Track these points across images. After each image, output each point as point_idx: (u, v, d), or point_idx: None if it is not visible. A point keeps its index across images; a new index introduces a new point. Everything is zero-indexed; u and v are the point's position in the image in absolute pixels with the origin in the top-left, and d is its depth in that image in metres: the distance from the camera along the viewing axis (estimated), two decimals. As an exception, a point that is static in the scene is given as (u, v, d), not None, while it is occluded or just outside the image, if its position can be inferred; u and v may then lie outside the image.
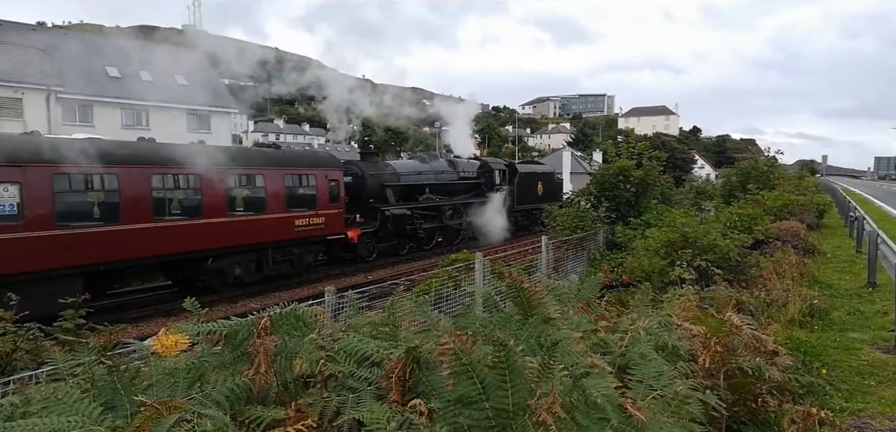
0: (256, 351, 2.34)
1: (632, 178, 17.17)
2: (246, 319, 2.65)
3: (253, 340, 2.43)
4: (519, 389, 2.08)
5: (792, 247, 12.90)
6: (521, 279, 3.11)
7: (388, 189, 22.20)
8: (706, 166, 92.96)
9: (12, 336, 6.38)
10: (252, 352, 2.37)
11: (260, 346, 2.34)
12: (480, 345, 2.37)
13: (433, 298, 9.50)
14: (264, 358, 2.32)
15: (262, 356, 2.31)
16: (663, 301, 4.83)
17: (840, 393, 5.44)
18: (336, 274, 18.76)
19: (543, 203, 27.26)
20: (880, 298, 9.35)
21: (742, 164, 26.92)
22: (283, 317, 2.66)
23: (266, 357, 2.34)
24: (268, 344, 2.40)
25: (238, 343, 2.52)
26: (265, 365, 2.32)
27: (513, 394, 2.06)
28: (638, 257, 10.63)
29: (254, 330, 2.50)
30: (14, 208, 11.42)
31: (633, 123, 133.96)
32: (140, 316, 13.55)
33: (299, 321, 2.65)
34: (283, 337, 2.54)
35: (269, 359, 2.37)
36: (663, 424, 2.23)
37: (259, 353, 2.32)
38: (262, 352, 2.32)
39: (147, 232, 13.62)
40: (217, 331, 2.58)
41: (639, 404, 2.23)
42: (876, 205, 29.68)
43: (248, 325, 2.54)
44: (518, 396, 2.06)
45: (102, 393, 2.46)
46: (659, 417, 2.27)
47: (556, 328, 2.82)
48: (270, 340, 2.45)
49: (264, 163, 17.36)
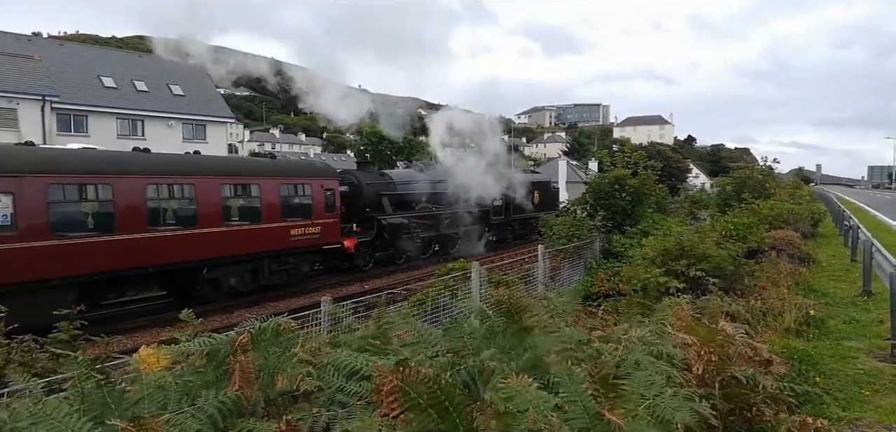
0: (233, 369, 2.32)
1: (627, 187, 17.21)
2: (225, 336, 2.62)
3: (231, 358, 2.41)
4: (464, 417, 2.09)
5: (787, 255, 12.93)
6: (510, 295, 3.11)
7: (384, 198, 22.19)
8: (701, 175, 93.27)
9: (6, 348, 6.33)
10: (230, 370, 2.35)
11: (235, 364, 2.32)
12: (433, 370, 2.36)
13: (430, 308, 9.48)
14: (241, 375, 2.30)
15: (238, 373, 2.29)
16: (658, 310, 4.83)
17: (837, 402, 5.44)
18: (332, 283, 18.71)
19: (540, 212, 27.32)
20: (876, 307, 9.37)
21: (737, 173, 26.97)
22: (262, 332, 2.63)
23: (242, 374, 2.32)
24: (244, 361, 2.37)
25: (220, 361, 2.50)
26: (241, 382, 2.30)
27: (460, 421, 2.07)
28: (634, 266, 10.63)
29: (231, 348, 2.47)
30: (8, 218, 11.36)
31: (628, 133, 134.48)
32: (135, 326, 13.47)
33: (278, 337, 2.63)
34: (263, 354, 2.52)
35: (249, 376, 2.35)
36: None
37: (235, 371, 2.30)
38: (238, 370, 2.30)
39: (142, 242, 13.55)
40: (198, 351, 2.56)
41: (618, 411, 2.22)
42: (870, 213, 29.82)
43: (228, 343, 2.52)
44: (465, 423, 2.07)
45: (92, 408, 2.43)
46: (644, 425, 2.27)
47: (536, 339, 2.83)
48: (248, 358, 2.42)
49: (260, 172, 17.33)
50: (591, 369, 2.51)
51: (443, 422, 2.09)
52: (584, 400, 2.24)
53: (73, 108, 33.61)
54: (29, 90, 30.87)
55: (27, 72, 31.77)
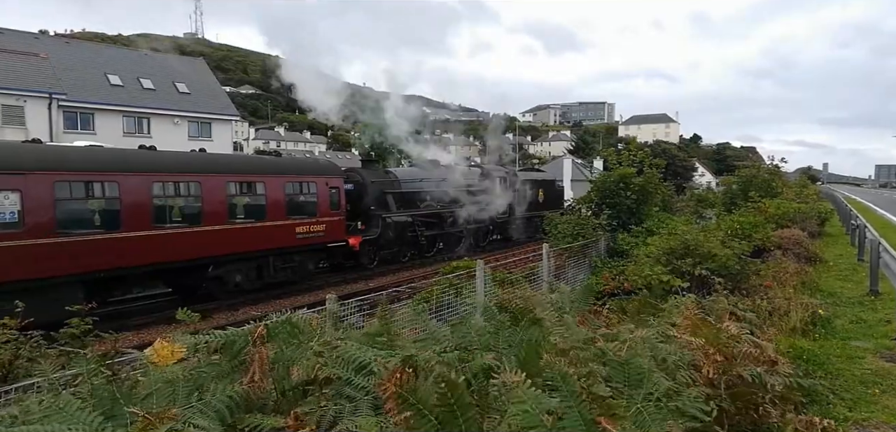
0: (252, 359, 2.34)
1: (633, 186, 17.16)
2: (242, 328, 2.65)
3: (248, 349, 2.43)
4: (471, 421, 2.07)
5: (794, 255, 12.88)
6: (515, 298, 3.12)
7: (389, 196, 22.21)
8: (707, 174, 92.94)
9: (14, 344, 6.38)
10: (248, 361, 2.37)
11: (255, 355, 2.34)
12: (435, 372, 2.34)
13: (434, 305, 9.48)
14: (260, 366, 2.32)
15: (257, 364, 2.31)
16: (664, 309, 4.82)
17: (843, 402, 5.42)
18: (337, 281, 18.75)
19: (544, 210, 27.29)
20: (883, 307, 9.32)
21: (743, 172, 26.85)
22: (279, 325, 2.65)
23: (261, 365, 2.34)
24: (263, 353, 2.39)
25: (235, 352, 2.51)
26: (260, 373, 2.31)
27: (467, 427, 2.06)
28: (639, 265, 10.61)
29: (250, 340, 2.49)
30: (15, 215, 11.44)
31: (633, 131, 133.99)
32: (141, 323, 13.54)
33: (295, 329, 2.64)
34: (280, 346, 2.54)
35: (265, 368, 2.37)
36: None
37: (254, 362, 2.32)
38: (258, 361, 2.32)
39: (147, 239, 13.62)
40: (214, 341, 2.58)
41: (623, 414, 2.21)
42: (878, 213, 29.65)
43: (245, 335, 2.54)
44: (472, 428, 2.05)
45: (102, 403, 2.45)
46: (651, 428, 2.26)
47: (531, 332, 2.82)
48: (266, 349, 2.45)
49: (265, 170, 17.37)
50: (586, 376, 2.48)
51: (445, 427, 2.07)
52: (580, 406, 2.22)
53: (79, 106, 33.76)
54: (36, 88, 31.04)
55: (34, 70, 31.94)
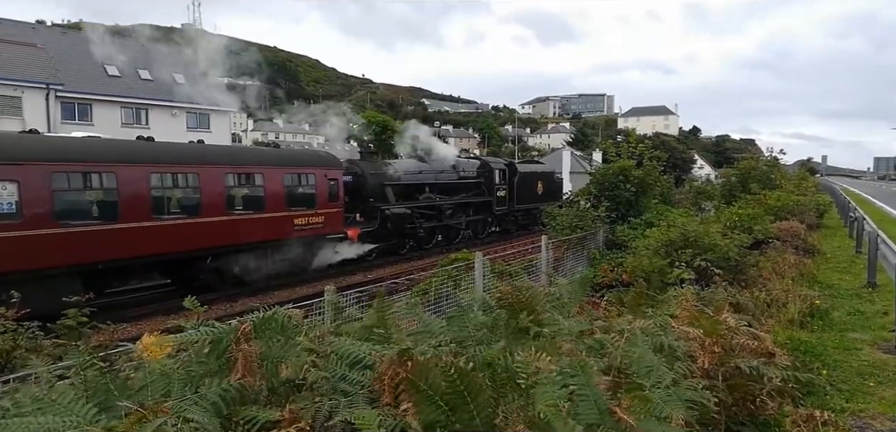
0: (236, 358, 2.33)
1: (632, 178, 17.13)
2: (228, 326, 2.63)
3: (233, 348, 2.41)
4: (483, 406, 2.06)
5: (792, 247, 12.88)
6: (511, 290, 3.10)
7: (388, 188, 22.18)
8: (706, 166, 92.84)
9: (12, 334, 6.37)
10: (233, 359, 2.36)
11: (238, 353, 2.33)
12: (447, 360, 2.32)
13: (433, 298, 9.47)
14: (243, 364, 2.30)
15: (241, 362, 2.30)
16: (662, 301, 4.82)
17: (841, 394, 5.43)
18: (335, 273, 18.74)
19: (543, 202, 27.29)
20: (880, 298, 9.34)
21: (742, 164, 26.82)
22: (265, 321, 2.63)
23: (245, 363, 2.32)
24: (247, 350, 2.38)
25: (222, 349, 2.50)
26: (243, 371, 2.30)
27: (478, 413, 2.05)
28: (638, 257, 10.60)
29: (234, 337, 2.47)
30: (13, 206, 11.40)
31: (632, 123, 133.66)
32: (138, 315, 13.53)
33: (280, 326, 2.63)
34: (267, 343, 2.52)
35: (251, 365, 2.36)
36: (654, 428, 2.20)
37: (238, 360, 2.31)
38: (241, 359, 2.31)
39: (146, 230, 13.59)
40: (200, 339, 2.56)
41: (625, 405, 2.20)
42: (876, 205, 29.66)
43: (230, 332, 2.52)
44: (484, 414, 2.04)
45: (96, 394, 2.44)
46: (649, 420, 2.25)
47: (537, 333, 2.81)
48: (251, 347, 2.43)
49: (263, 161, 17.33)
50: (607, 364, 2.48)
51: (456, 414, 2.05)
52: (596, 395, 2.21)
53: (77, 97, 33.65)
54: (33, 78, 30.92)
55: (31, 60, 31.80)
